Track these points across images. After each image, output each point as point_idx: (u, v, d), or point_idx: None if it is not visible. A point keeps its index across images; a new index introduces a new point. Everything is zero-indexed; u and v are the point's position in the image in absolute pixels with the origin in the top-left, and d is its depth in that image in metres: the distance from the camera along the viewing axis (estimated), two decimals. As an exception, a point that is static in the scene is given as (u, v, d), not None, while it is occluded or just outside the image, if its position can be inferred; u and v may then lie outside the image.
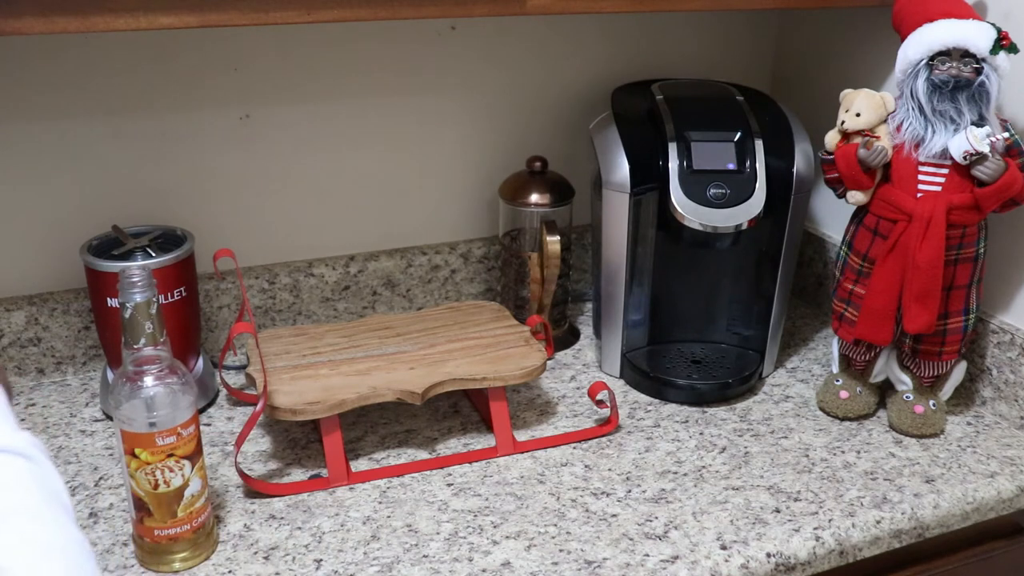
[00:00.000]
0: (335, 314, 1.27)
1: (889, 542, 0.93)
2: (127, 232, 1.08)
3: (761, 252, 1.17)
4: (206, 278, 1.17)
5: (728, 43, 1.40)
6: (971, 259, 1.02)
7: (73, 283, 1.13)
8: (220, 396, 1.13)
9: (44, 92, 1.07)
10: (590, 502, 0.94)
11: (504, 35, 1.26)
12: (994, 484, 0.98)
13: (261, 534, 0.89)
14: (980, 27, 0.96)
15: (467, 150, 1.30)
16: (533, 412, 1.10)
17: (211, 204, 1.18)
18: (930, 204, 0.98)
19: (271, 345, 1.06)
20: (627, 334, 1.18)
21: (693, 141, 1.10)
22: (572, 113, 1.32)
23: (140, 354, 0.80)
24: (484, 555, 0.86)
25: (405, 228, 1.30)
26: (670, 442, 1.05)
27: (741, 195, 1.08)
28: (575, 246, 1.34)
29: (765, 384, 1.18)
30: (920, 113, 0.98)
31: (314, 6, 0.86)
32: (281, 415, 0.94)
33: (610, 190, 1.11)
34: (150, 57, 1.10)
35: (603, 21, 1.31)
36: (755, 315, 1.19)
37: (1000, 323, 1.10)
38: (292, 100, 1.18)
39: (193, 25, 0.83)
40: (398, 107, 1.24)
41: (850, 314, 1.07)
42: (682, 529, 0.90)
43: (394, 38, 1.20)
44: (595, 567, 0.85)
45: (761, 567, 0.87)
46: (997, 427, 1.09)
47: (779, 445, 1.05)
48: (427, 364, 1.03)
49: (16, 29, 0.78)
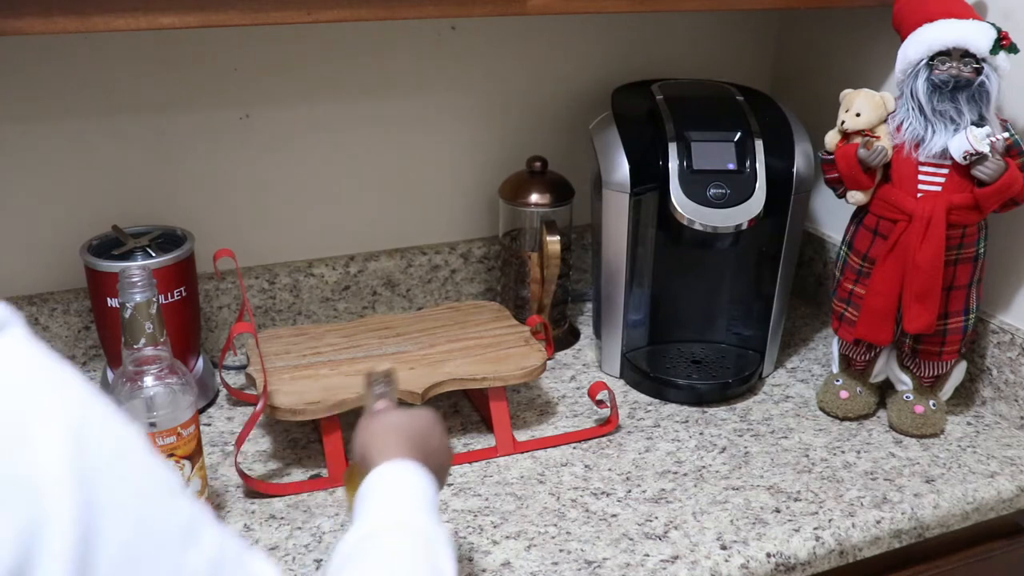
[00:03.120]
0: (335, 314, 1.27)
1: (889, 542, 0.93)
2: (127, 232, 1.08)
3: (761, 252, 1.17)
4: (206, 278, 1.17)
5: (728, 43, 1.40)
6: (971, 259, 1.02)
7: (73, 283, 1.13)
8: (220, 396, 1.13)
9: (44, 92, 1.07)
10: (590, 502, 0.94)
11: (504, 35, 1.26)
12: (994, 484, 0.98)
13: (261, 534, 0.89)
14: (980, 27, 0.96)
15: (467, 150, 1.30)
16: (533, 412, 1.10)
17: (211, 204, 1.18)
18: (930, 204, 0.98)
19: (271, 345, 1.06)
20: (627, 334, 1.18)
21: (693, 141, 1.10)
22: (572, 113, 1.32)
23: (140, 354, 0.80)
24: (484, 555, 0.86)
25: (405, 228, 1.30)
26: (670, 442, 1.05)
27: (741, 195, 1.08)
28: (575, 246, 1.34)
29: (765, 384, 1.18)
30: (920, 113, 0.98)
31: (314, 6, 0.86)
32: (281, 415, 0.94)
33: (610, 190, 1.11)
34: (150, 57, 1.10)
35: (603, 21, 1.31)
36: (755, 315, 1.19)
37: (1000, 323, 1.10)
38: (292, 100, 1.18)
39: (193, 25, 0.83)
40: (398, 107, 1.24)
41: (850, 314, 1.07)
42: (682, 529, 0.90)
43: (394, 38, 1.20)
44: (595, 567, 0.85)
45: (761, 567, 0.87)
46: (997, 427, 1.09)
47: (779, 445, 1.05)
48: (427, 364, 1.03)
49: (16, 29, 0.78)
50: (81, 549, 0.38)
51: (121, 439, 0.42)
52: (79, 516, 0.38)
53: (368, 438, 0.71)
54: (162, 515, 0.42)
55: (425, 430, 0.73)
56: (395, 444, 0.69)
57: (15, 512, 0.37)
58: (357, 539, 0.61)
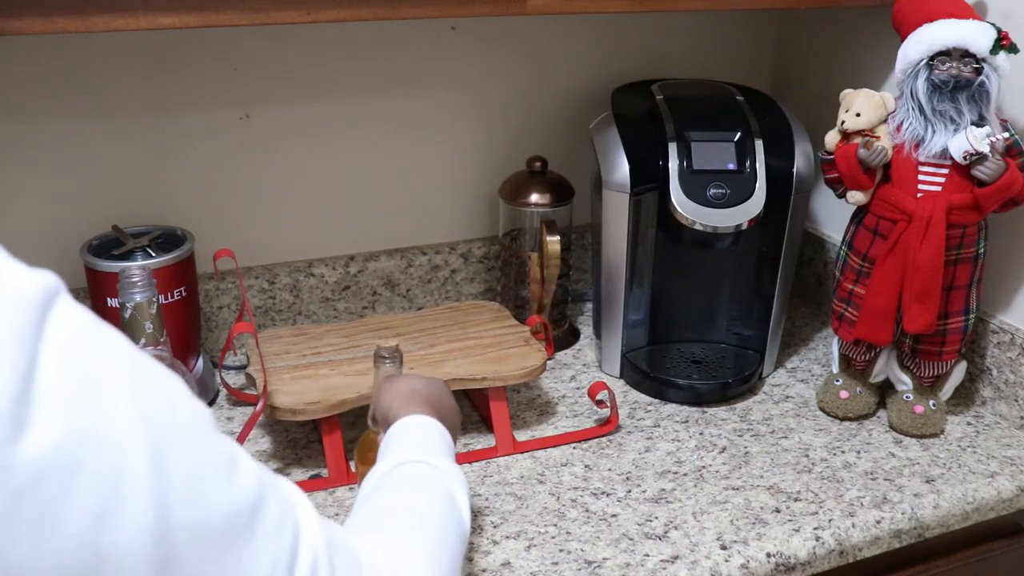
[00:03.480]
0: (335, 314, 1.27)
1: (889, 542, 0.93)
2: (127, 232, 1.08)
3: (761, 252, 1.17)
4: (206, 278, 1.17)
5: (728, 43, 1.40)
6: (971, 259, 1.02)
7: (73, 283, 1.13)
8: (220, 396, 1.13)
9: (44, 92, 1.07)
10: (590, 502, 0.94)
11: (504, 35, 1.26)
12: (994, 484, 0.98)
13: (261, 534, 0.89)
14: (980, 27, 0.96)
15: (467, 150, 1.30)
16: (533, 412, 1.10)
17: (211, 204, 1.18)
18: (930, 204, 0.98)
19: (271, 345, 1.06)
20: (627, 334, 1.18)
21: (693, 141, 1.10)
22: (572, 113, 1.32)
23: (140, 354, 0.80)
24: (484, 555, 0.86)
25: (405, 228, 1.30)
26: (670, 442, 1.05)
27: (741, 195, 1.08)
28: (575, 246, 1.34)
29: (765, 384, 1.18)
30: (920, 113, 0.98)
31: (314, 6, 0.87)
32: (281, 415, 0.94)
33: (610, 190, 1.11)
34: (150, 57, 1.10)
35: (603, 21, 1.31)
36: (755, 315, 1.19)
37: (1000, 323, 1.10)
38: (292, 100, 1.18)
39: (193, 25, 0.83)
40: (398, 107, 1.24)
41: (850, 314, 1.07)
42: (682, 529, 0.90)
43: (394, 38, 1.20)
44: (595, 567, 0.85)
45: (761, 567, 0.87)
46: (997, 427, 1.09)
47: (779, 445, 1.05)
48: (427, 364, 1.03)
49: (17, 29, 0.78)
50: (156, 486, 0.43)
51: (168, 387, 0.47)
52: (151, 459, 0.43)
53: (390, 399, 0.79)
54: (211, 449, 0.47)
55: (439, 394, 0.82)
56: (416, 403, 0.77)
57: (99, 460, 0.41)
58: (382, 473, 0.69)
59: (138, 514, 0.42)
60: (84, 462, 0.41)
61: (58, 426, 0.40)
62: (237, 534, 0.46)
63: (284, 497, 0.51)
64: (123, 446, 0.42)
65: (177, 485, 0.44)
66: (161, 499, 0.43)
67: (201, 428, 0.47)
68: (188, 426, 0.46)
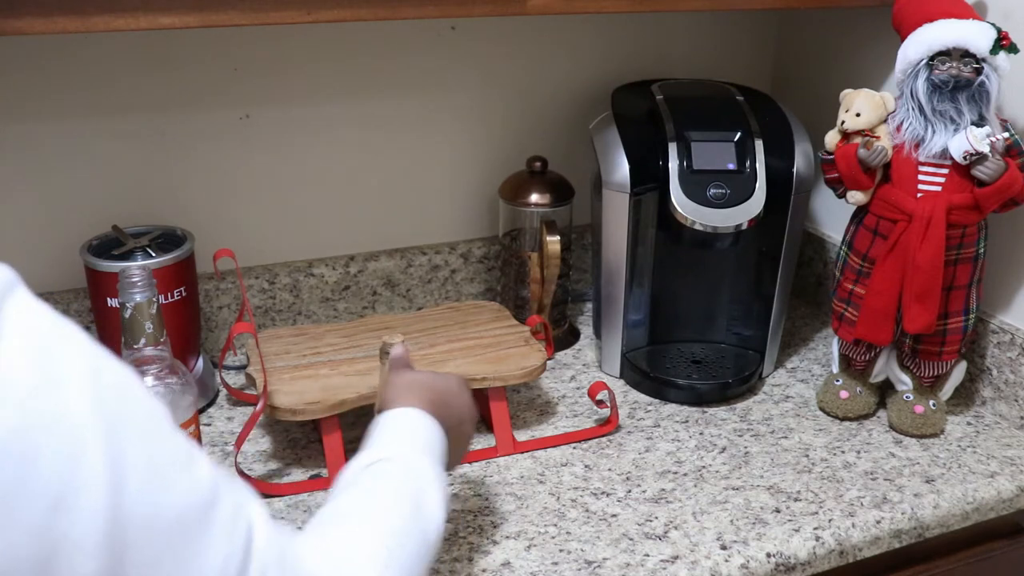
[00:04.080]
0: (335, 314, 1.27)
1: (889, 542, 0.93)
2: (127, 232, 1.08)
3: (761, 252, 1.17)
4: (206, 278, 1.17)
5: (728, 43, 1.40)
6: (971, 259, 1.02)
7: (73, 283, 1.13)
8: (220, 396, 1.13)
9: (44, 92, 1.07)
10: (590, 502, 0.94)
11: (504, 35, 1.26)
12: (994, 484, 0.98)
13: (261, 534, 0.89)
14: (980, 27, 0.96)
15: (467, 150, 1.30)
16: (533, 412, 1.10)
17: (211, 204, 1.18)
18: (930, 204, 0.98)
19: (271, 345, 1.06)
20: (627, 334, 1.18)
21: (693, 141, 1.10)
22: (572, 113, 1.32)
23: (140, 354, 0.80)
24: (484, 555, 0.86)
25: (405, 228, 1.30)
26: (670, 442, 1.05)
27: (741, 195, 1.08)
28: (575, 246, 1.34)
29: (765, 384, 1.18)
30: (920, 113, 0.98)
31: (314, 6, 0.87)
32: (281, 415, 0.94)
33: (610, 190, 1.11)
34: (150, 57, 1.10)
35: (603, 21, 1.31)
36: (755, 315, 1.19)
37: (1000, 323, 1.10)
38: (292, 100, 1.18)
39: (193, 25, 0.83)
40: (398, 107, 1.24)
41: (850, 314, 1.07)
42: (682, 529, 0.90)
43: (394, 38, 1.20)
44: (595, 567, 0.85)
45: (761, 567, 0.87)
46: (997, 427, 1.09)
47: (779, 445, 1.05)
48: (427, 364, 1.03)
49: (16, 29, 0.78)
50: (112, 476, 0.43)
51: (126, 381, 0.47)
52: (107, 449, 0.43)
53: (390, 391, 0.78)
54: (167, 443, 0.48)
55: (447, 390, 0.80)
56: (411, 395, 0.77)
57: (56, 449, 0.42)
58: (357, 468, 0.68)
59: (93, 503, 0.42)
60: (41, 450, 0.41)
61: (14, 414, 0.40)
62: (190, 528, 0.47)
63: (238, 498, 0.51)
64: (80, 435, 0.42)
65: (132, 476, 0.44)
66: (116, 489, 0.43)
67: (158, 422, 0.48)
68: (146, 420, 0.47)
